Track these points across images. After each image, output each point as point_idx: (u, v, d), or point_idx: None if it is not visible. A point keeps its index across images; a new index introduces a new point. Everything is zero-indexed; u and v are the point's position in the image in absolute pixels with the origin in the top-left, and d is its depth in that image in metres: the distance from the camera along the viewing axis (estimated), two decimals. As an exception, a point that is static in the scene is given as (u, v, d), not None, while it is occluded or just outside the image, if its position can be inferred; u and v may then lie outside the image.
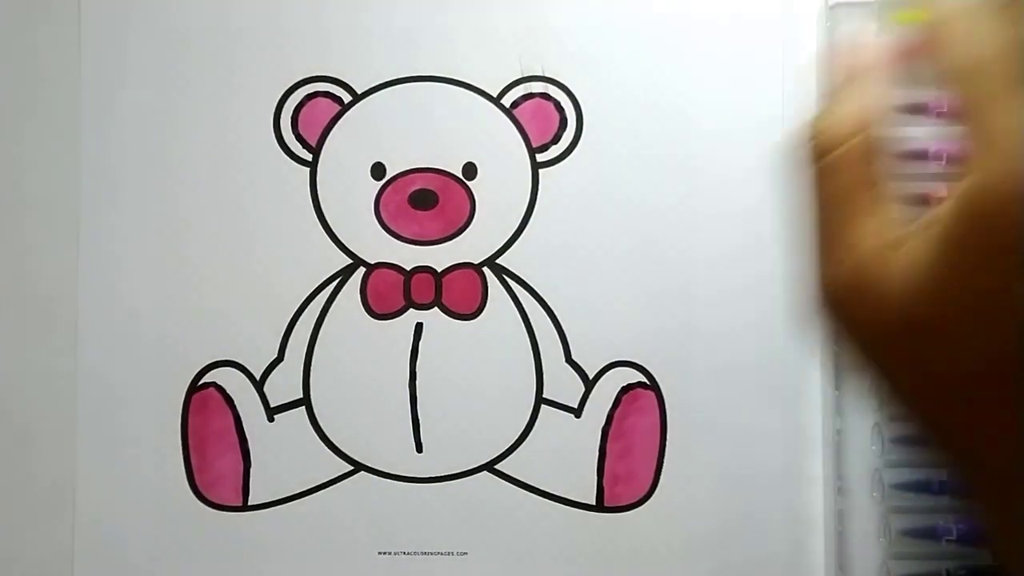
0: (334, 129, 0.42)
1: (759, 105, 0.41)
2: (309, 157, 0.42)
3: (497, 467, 0.41)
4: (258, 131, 0.42)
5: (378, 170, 0.41)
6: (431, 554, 0.40)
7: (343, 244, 0.41)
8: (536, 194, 0.41)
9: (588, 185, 0.41)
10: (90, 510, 0.41)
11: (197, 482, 0.41)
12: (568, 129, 0.41)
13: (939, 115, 0.39)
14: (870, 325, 0.28)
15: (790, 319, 0.40)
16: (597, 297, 0.41)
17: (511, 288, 0.41)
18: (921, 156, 0.39)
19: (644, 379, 0.41)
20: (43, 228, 0.42)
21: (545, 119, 0.41)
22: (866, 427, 0.40)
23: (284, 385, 0.41)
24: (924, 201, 0.39)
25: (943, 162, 0.39)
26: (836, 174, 0.30)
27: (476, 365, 0.41)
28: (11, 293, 0.42)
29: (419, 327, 0.41)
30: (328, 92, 0.42)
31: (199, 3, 0.42)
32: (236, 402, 0.41)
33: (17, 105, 0.42)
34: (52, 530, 0.41)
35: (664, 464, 0.40)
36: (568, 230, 0.41)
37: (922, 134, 0.40)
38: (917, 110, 0.39)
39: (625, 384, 0.41)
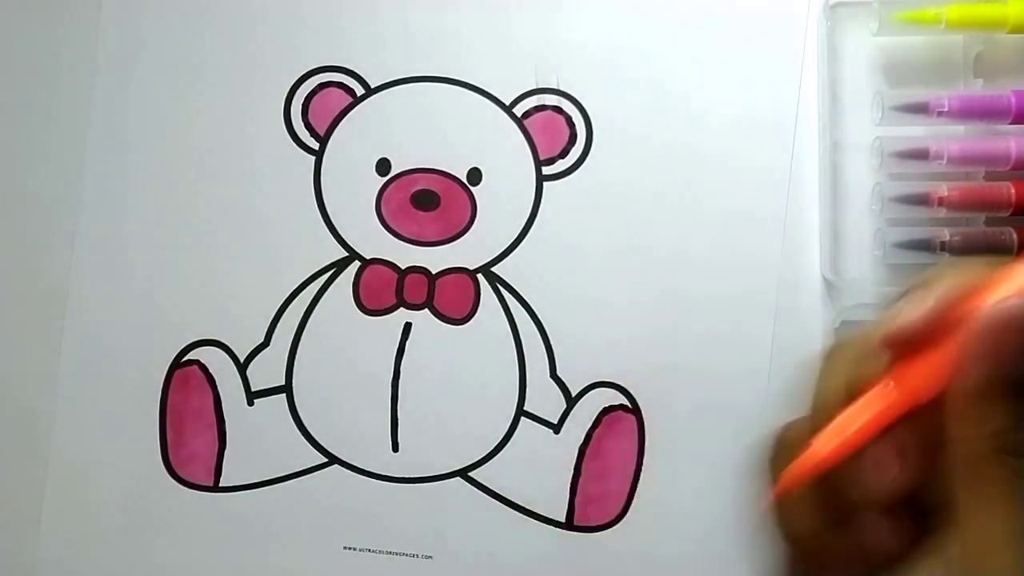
0: (343, 121, 0.42)
1: (762, 106, 0.41)
2: (316, 146, 0.42)
3: (471, 474, 0.41)
4: (267, 116, 0.41)
5: (383, 166, 0.41)
6: (396, 554, 0.40)
7: (341, 236, 0.41)
8: (538, 206, 0.41)
9: (591, 203, 0.41)
10: (62, 474, 0.41)
11: (171, 458, 0.41)
12: (577, 145, 0.41)
13: (939, 115, 0.39)
14: None
15: (789, 324, 0.40)
16: (588, 315, 0.41)
17: (503, 297, 0.41)
18: (921, 155, 0.39)
19: (627, 402, 0.40)
20: (44, 196, 0.42)
21: (555, 132, 0.41)
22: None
23: (267, 370, 0.41)
24: (924, 201, 0.39)
25: (943, 161, 0.39)
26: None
27: (461, 370, 0.41)
28: (4, 254, 0.42)
29: (408, 327, 0.41)
30: (341, 83, 0.42)
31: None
32: (218, 382, 0.41)
33: (32, 79, 0.42)
34: (22, 489, 0.41)
35: (638, 489, 0.40)
36: (567, 246, 0.41)
37: (922, 133, 0.40)
38: (917, 109, 0.39)
39: (607, 405, 0.41)
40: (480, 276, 0.41)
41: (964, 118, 0.39)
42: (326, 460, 0.41)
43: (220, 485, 0.41)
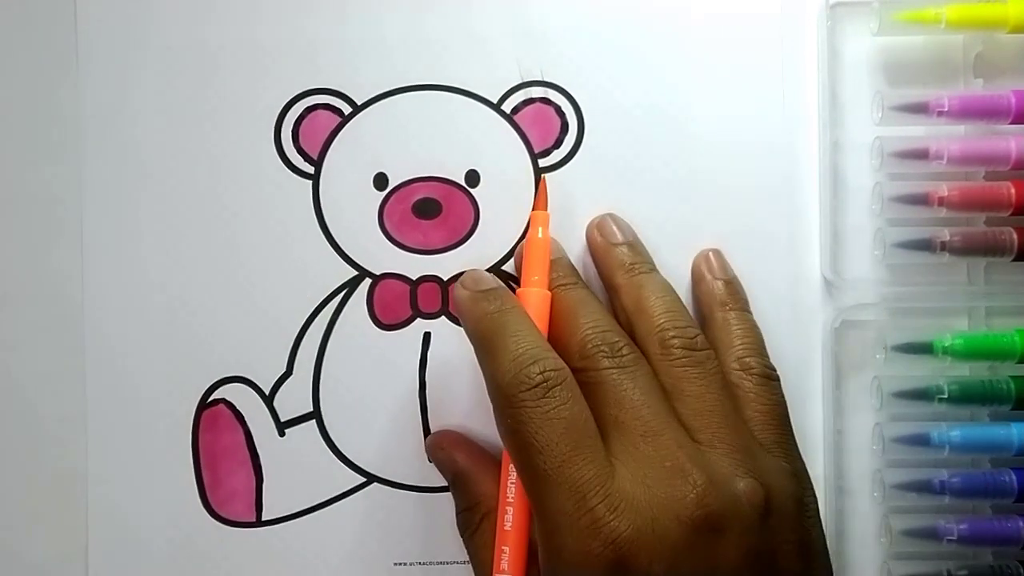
0: (335, 141, 0.41)
1: (759, 104, 0.41)
2: (311, 170, 0.41)
3: (509, 474, 0.41)
4: (259, 145, 0.41)
5: (380, 180, 0.41)
6: (447, 563, 0.41)
7: (348, 256, 0.41)
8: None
9: (590, 190, 0.41)
10: (103, 531, 0.41)
11: (210, 499, 0.41)
12: (570, 133, 0.41)
13: (939, 114, 0.39)
14: None
15: (789, 324, 0.40)
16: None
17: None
18: (921, 155, 0.39)
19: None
20: (47, 246, 0.41)
21: (546, 124, 0.41)
22: (867, 427, 0.41)
23: (294, 399, 0.41)
24: (924, 200, 0.39)
25: (943, 161, 0.39)
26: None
27: (485, 372, 0.41)
28: (18, 311, 0.41)
29: (427, 336, 0.41)
30: (328, 104, 0.41)
31: (196, 17, 0.41)
32: (246, 418, 0.41)
33: (16, 122, 0.42)
34: (64, 552, 0.41)
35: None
36: (570, 236, 0.41)
37: (922, 133, 0.40)
38: (917, 109, 0.39)
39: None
40: (492, 277, 0.41)
41: (964, 118, 0.39)
42: (364, 480, 0.41)
43: (263, 519, 0.41)
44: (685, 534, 0.32)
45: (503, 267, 0.41)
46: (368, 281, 0.41)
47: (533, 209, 0.39)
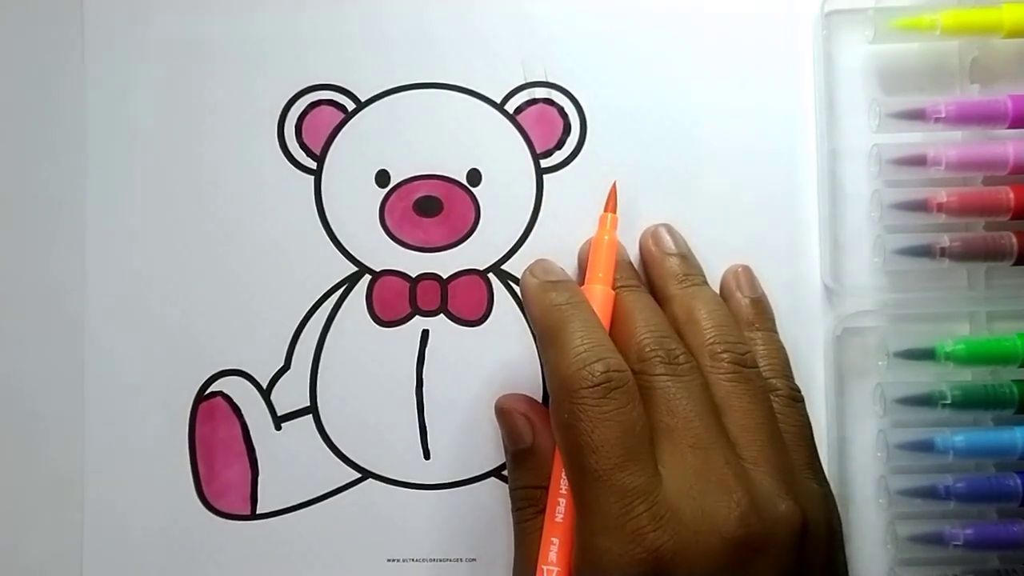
0: (338, 137, 0.42)
1: (758, 110, 0.41)
2: (313, 165, 0.42)
3: (504, 473, 0.41)
4: (262, 140, 0.42)
5: (383, 177, 0.41)
6: (440, 560, 0.41)
7: (348, 252, 0.41)
8: (540, 200, 0.41)
9: (592, 191, 0.41)
10: (99, 521, 0.41)
11: (205, 492, 0.41)
12: (572, 135, 0.41)
13: (936, 120, 0.39)
14: None
15: (790, 332, 0.40)
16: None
17: (516, 294, 0.41)
18: (919, 161, 0.39)
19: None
20: (50, 238, 0.42)
21: (549, 125, 0.41)
22: (870, 434, 0.40)
23: (291, 393, 0.41)
24: (923, 207, 0.39)
25: (941, 167, 0.39)
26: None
27: (482, 371, 0.41)
28: (18, 301, 0.42)
29: (425, 334, 0.41)
30: (332, 100, 0.42)
31: (202, 12, 0.42)
32: (243, 411, 0.41)
33: (22, 118, 0.42)
34: (60, 542, 0.41)
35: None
36: (572, 236, 0.41)
37: (919, 139, 0.40)
38: (914, 116, 0.39)
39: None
40: (491, 275, 0.41)
41: (961, 123, 0.39)
42: (359, 476, 0.41)
43: (257, 513, 0.41)
44: (726, 551, 0.32)
45: (503, 267, 0.41)
46: (368, 277, 0.41)
47: (604, 211, 0.39)
